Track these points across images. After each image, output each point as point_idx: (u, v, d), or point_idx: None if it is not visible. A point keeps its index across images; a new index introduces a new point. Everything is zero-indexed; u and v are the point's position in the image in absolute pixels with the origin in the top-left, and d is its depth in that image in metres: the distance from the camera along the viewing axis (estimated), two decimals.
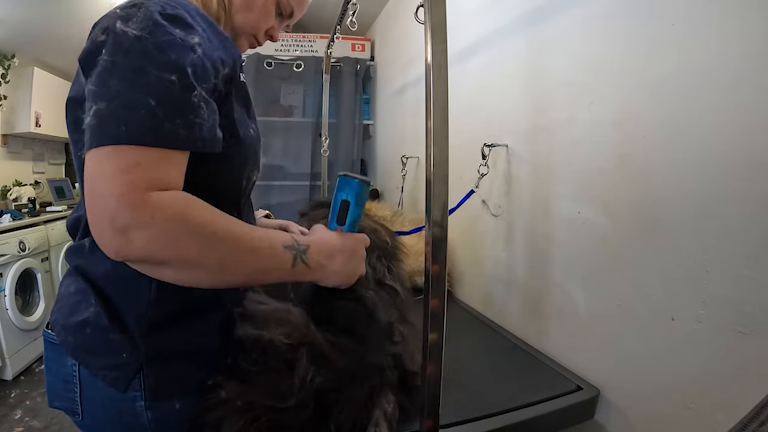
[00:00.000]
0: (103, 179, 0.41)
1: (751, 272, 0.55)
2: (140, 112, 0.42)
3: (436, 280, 0.54)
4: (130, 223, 0.40)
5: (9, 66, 2.71)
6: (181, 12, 0.48)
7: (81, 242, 0.55)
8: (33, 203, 2.82)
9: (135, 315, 0.52)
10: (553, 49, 0.93)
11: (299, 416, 0.51)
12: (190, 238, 0.43)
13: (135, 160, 0.41)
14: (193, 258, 0.44)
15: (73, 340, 0.53)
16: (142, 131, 0.42)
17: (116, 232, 0.40)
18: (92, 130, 0.42)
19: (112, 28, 0.44)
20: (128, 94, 0.42)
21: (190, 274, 0.45)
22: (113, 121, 0.41)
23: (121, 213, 0.40)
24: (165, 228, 0.41)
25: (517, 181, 1.05)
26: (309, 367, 0.52)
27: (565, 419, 0.76)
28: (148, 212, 0.40)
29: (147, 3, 0.46)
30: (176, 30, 0.46)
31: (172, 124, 0.43)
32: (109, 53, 0.44)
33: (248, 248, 0.47)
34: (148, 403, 0.52)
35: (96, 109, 0.42)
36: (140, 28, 0.44)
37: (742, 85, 0.56)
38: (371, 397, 0.54)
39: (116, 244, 0.41)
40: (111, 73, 0.43)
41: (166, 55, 0.44)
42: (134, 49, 0.43)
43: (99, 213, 0.41)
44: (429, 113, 0.52)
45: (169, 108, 0.43)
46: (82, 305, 0.53)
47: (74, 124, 0.52)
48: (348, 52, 2.45)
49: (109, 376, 0.52)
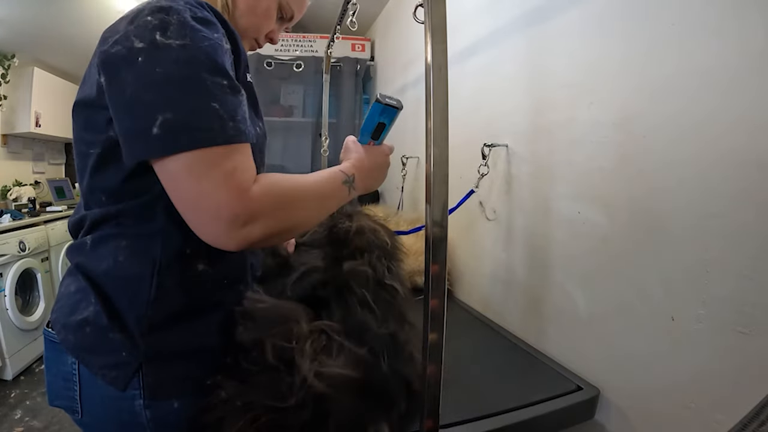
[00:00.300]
0: (211, 190, 0.45)
1: (751, 272, 0.55)
2: (208, 116, 0.45)
3: (436, 280, 0.54)
4: (248, 218, 0.46)
5: (9, 66, 2.71)
6: (208, 14, 0.50)
7: (83, 240, 0.56)
8: (33, 203, 2.82)
9: (135, 314, 0.52)
10: (553, 50, 0.93)
11: (299, 416, 0.50)
12: (291, 209, 0.52)
13: (232, 166, 0.46)
14: (297, 220, 0.53)
15: (73, 339, 0.53)
16: (214, 134, 0.45)
17: (237, 229, 0.46)
18: (160, 139, 0.44)
19: (152, 38, 0.45)
20: (191, 102, 0.45)
21: (300, 228, 0.55)
22: (185, 128, 0.44)
23: (239, 215, 0.45)
24: (272, 209, 0.48)
25: (517, 181, 1.05)
26: (311, 364, 0.52)
27: (565, 419, 0.76)
28: (258, 205, 0.47)
29: (174, 6, 0.47)
30: (213, 34, 0.49)
31: (234, 121, 0.47)
32: (159, 65, 0.45)
33: (325, 195, 0.57)
34: (147, 402, 0.53)
35: (163, 119, 0.44)
36: (181, 37, 0.46)
37: (742, 86, 0.56)
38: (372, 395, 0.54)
39: (238, 238, 0.46)
40: (167, 83, 0.45)
41: (213, 61, 0.47)
42: (182, 58, 0.45)
43: (215, 219, 0.46)
44: (429, 113, 0.52)
45: (229, 109, 0.47)
46: (82, 304, 0.53)
47: (85, 125, 0.53)
48: (348, 52, 2.45)
49: (109, 375, 0.52)
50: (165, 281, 0.52)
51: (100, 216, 0.54)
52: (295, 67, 2.37)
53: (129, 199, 0.53)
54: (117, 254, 0.53)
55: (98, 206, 0.54)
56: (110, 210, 0.53)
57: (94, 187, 0.54)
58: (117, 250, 0.53)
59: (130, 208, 0.53)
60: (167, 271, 0.53)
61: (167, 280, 0.53)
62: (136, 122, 0.45)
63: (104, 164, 0.52)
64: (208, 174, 0.45)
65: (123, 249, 0.53)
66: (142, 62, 0.45)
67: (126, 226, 0.53)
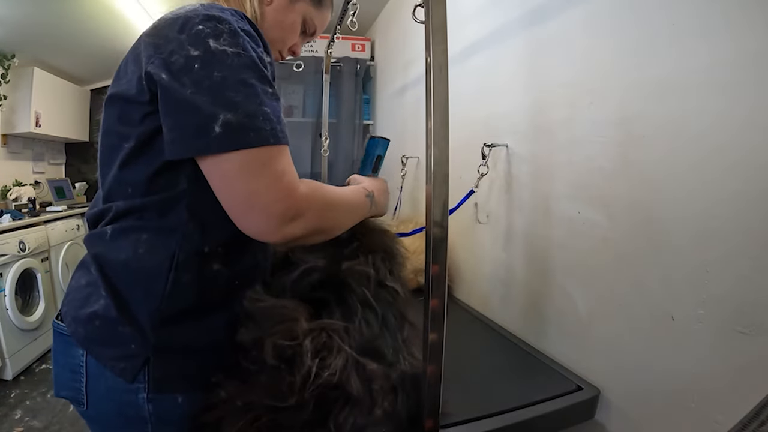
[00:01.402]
0: (264, 188, 0.49)
1: (751, 272, 0.55)
2: (261, 118, 0.49)
3: (437, 280, 0.54)
4: (295, 214, 0.51)
5: (9, 66, 2.71)
6: (250, 27, 0.54)
7: (103, 229, 0.56)
8: (33, 203, 2.82)
9: (148, 307, 0.53)
10: (553, 50, 0.93)
11: (299, 416, 0.51)
12: (330, 212, 0.58)
13: (281, 166, 0.50)
14: (332, 224, 0.59)
15: (83, 332, 0.55)
16: (266, 134, 0.50)
17: (286, 223, 0.51)
18: (220, 138, 0.48)
19: (207, 45, 0.49)
20: (248, 105, 0.49)
21: (333, 232, 0.61)
22: (243, 128, 0.48)
23: (288, 211, 0.50)
24: (317, 210, 0.54)
25: (517, 181, 1.05)
26: (312, 362, 0.52)
27: (565, 419, 0.76)
28: (306, 203, 0.52)
29: (224, 16, 0.51)
30: (258, 47, 0.53)
31: (281, 125, 0.52)
32: (217, 69, 0.48)
33: (354, 206, 0.65)
34: (151, 396, 0.54)
35: (224, 119, 0.47)
36: (233, 45, 0.50)
37: (743, 85, 0.56)
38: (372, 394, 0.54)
39: (284, 232, 0.51)
40: (225, 86, 0.48)
41: (260, 69, 0.52)
42: (237, 64, 0.49)
43: (266, 215, 0.50)
44: (429, 113, 0.52)
45: (276, 113, 0.52)
46: (92, 298, 0.55)
47: (119, 117, 0.54)
48: (348, 52, 2.45)
49: (117, 366, 0.53)
50: (181, 277, 0.54)
51: (125, 208, 0.55)
52: (295, 67, 2.35)
53: (154, 194, 0.54)
54: (137, 246, 0.54)
55: (123, 198, 0.55)
56: (135, 203, 0.54)
57: (121, 180, 0.55)
58: (137, 243, 0.54)
59: (154, 203, 0.54)
60: (184, 268, 0.54)
61: (183, 276, 0.54)
62: (197, 120, 0.48)
63: (135, 157, 0.54)
64: (262, 172, 0.49)
65: (143, 242, 0.54)
66: (199, 67, 0.48)
67: (148, 219, 0.55)
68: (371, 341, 0.61)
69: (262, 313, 0.58)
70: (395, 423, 0.55)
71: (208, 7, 0.52)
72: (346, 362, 0.54)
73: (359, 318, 0.62)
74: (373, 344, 0.61)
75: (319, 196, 0.56)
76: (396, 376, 0.58)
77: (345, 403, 0.52)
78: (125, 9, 2.35)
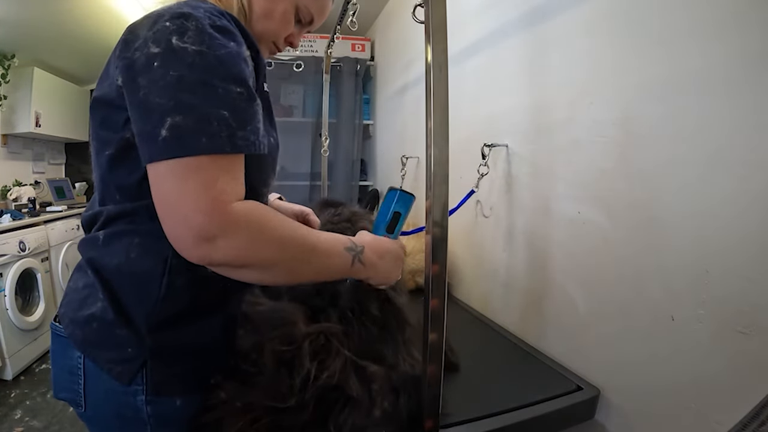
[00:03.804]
0: (189, 194, 0.44)
1: (751, 272, 0.55)
2: (216, 123, 0.45)
3: (437, 281, 0.54)
4: (217, 234, 0.44)
5: (9, 66, 2.71)
6: (226, 23, 0.50)
7: (95, 234, 0.56)
8: (33, 203, 2.81)
9: (144, 311, 0.53)
10: (553, 49, 0.93)
11: (299, 417, 0.51)
12: (267, 243, 0.48)
13: (216, 174, 0.45)
14: (270, 259, 0.49)
15: (81, 334, 0.54)
16: (221, 141, 0.45)
17: (203, 241, 0.44)
18: (168, 142, 0.44)
19: (168, 42, 0.45)
20: (203, 107, 0.45)
21: (268, 273, 0.50)
22: (192, 133, 0.44)
23: (209, 226, 0.44)
24: (246, 235, 0.46)
25: (517, 181, 1.05)
26: (311, 363, 0.52)
27: (565, 419, 0.76)
28: (233, 223, 0.45)
29: (194, 13, 0.48)
30: (230, 43, 0.49)
31: (244, 131, 0.47)
32: (174, 68, 0.45)
33: (315, 249, 0.52)
34: (149, 398, 0.53)
35: (172, 122, 0.44)
36: (198, 43, 0.46)
37: (743, 85, 0.56)
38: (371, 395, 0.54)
39: (202, 252, 0.45)
40: (179, 88, 0.45)
41: (228, 68, 0.47)
42: (198, 63, 0.45)
43: (184, 225, 0.45)
44: (429, 113, 0.52)
45: (240, 117, 0.47)
46: (89, 300, 0.54)
47: (102, 122, 0.53)
48: (348, 52, 2.45)
49: (114, 369, 0.53)
50: (176, 280, 0.53)
51: (116, 212, 0.55)
52: (295, 67, 2.37)
53: (144, 198, 0.52)
54: (129, 251, 0.53)
55: (114, 203, 0.55)
56: (126, 207, 0.54)
57: (109, 184, 0.55)
58: (129, 247, 0.53)
59: (144, 207, 0.53)
60: (178, 271, 0.53)
61: (178, 279, 0.53)
62: (147, 125, 0.45)
63: (119, 162, 0.53)
64: (191, 177, 0.44)
65: (135, 246, 0.53)
66: (157, 66, 0.45)
67: (139, 223, 0.54)
68: (370, 343, 0.60)
69: (260, 316, 0.58)
70: (396, 423, 0.55)
71: (183, 4, 0.49)
72: (345, 364, 0.54)
73: (357, 319, 0.62)
74: (373, 346, 0.60)
75: (257, 221, 0.47)
76: (396, 377, 0.58)
77: (344, 404, 0.52)
78: (125, 9, 2.35)
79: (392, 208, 0.64)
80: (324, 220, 0.89)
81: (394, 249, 0.62)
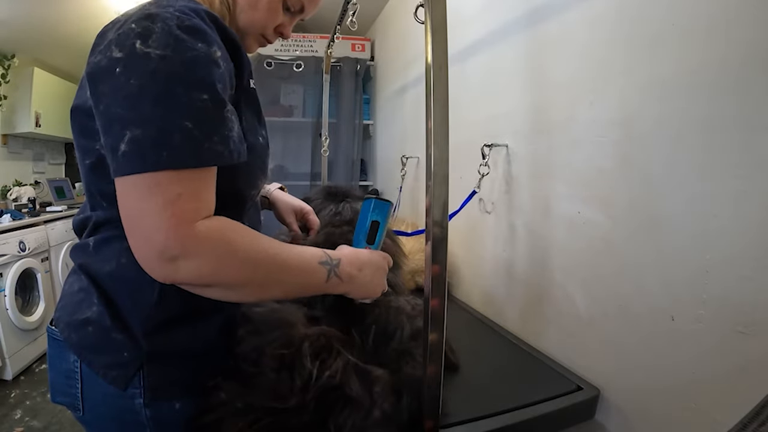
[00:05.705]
0: (150, 212, 0.42)
1: (751, 272, 0.55)
2: (179, 135, 0.42)
3: (437, 281, 0.54)
4: (179, 254, 0.42)
5: (9, 66, 2.71)
6: (197, 22, 0.46)
7: (86, 241, 0.56)
8: (33, 203, 2.82)
9: (139, 315, 0.52)
10: (553, 49, 0.92)
11: (300, 418, 0.50)
12: (233, 263, 0.45)
13: (177, 191, 0.42)
14: (237, 280, 0.47)
15: (76, 338, 0.54)
16: (183, 155, 0.42)
17: (165, 261, 0.42)
18: (127, 157, 0.42)
19: (132, 47, 0.42)
20: (164, 119, 0.42)
21: (235, 292, 0.48)
22: (152, 147, 0.41)
23: (170, 245, 0.42)
24: (211, 256, 0.44)
25: (517, 181, 1.05)
26: (312, 364, 0.52)
27: (565, 419, 0.76)
28: (196, 243, 0.43)
29: (162, 14, 0.44)
30: (198, 44, 0.45)
31: (211, 142, 0.44)
32: (135, 76, 0.42)
33: (286, 267, 0.50)
34: (147, 402, 0.53)
35: (131, 136, 0.41)
36: (162, 46, 0.43)
37: (742, 85, 0.56)
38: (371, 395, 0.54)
39: (164, 271, 0.43)
40: (141, 97, 0.42)
41: (194, 73, 0.44)
42: (161, 70, 0.42)
43: (147, 243, 0.43)
44: (429, 113, 0.52)
45: (206, 127, 0.44)
46: (84, 304, 0.54)
47: (81, 131, 0.52)
48: (348, 52, 2.45)
49: (110, 374, 0.52)
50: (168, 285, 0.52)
51: (104, 218, 0.54)
52: (295, 67, 2.37)
53: None
54: (120, 256, 0.53)
55: (101, 209, 0.55)
56: (113, 213, 0.52)
57: (94, 191, 0.54)
58: (120, 252, 0.52)
59: None
60: None
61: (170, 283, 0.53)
62: (109, 137, 0.43)
63: (99, 171, 0.51)
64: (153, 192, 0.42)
65: (125, 251, 0.52)
66: (119, 72, 0.42)
67: None
68: (371, 344, 0.60)
69: (260, 318, 0.57)
70: (396, 424, 0.55)
71: (153, 4, 0.46)
72: (346, 364, 0.54)
73: (357, 320, 0.62)
74: (373, 347, 0.60)
75: (222, 239, 0.44)
76: (398, 378, 0.58)
77: (345, 404, 0.52)
78: (125, 9, 2.35)
79: (369, 217, 0.62)
80: (324, 221, 0.88)
81: (374, 260, 0.60)
